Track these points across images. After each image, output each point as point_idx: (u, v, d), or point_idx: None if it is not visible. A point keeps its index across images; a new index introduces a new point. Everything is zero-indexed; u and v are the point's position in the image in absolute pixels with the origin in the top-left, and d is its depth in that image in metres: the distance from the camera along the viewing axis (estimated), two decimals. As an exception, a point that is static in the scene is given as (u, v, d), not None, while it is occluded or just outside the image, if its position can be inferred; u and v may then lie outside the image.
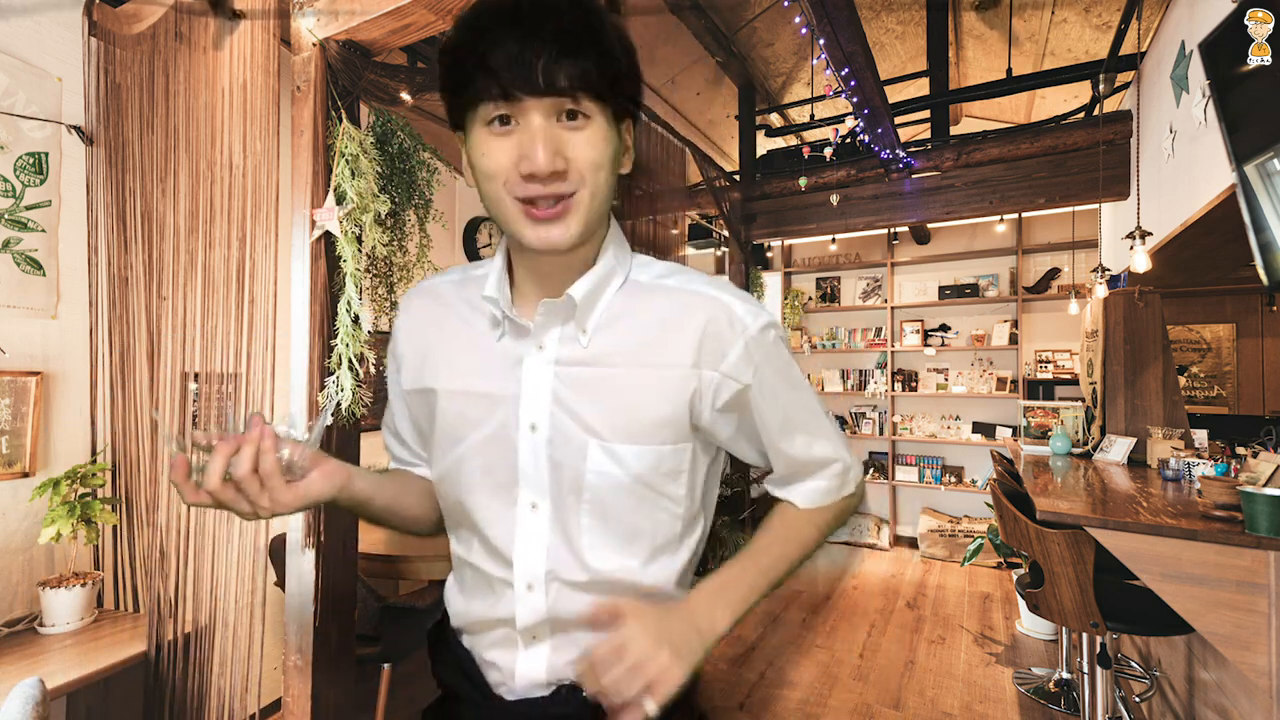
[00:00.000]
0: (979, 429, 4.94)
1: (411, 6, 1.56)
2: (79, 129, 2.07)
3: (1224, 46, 1.78)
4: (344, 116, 1.67)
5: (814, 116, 4.53)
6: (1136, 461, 2.73)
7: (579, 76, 0.56)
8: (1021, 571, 2.83)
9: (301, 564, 1.64)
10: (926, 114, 4.20)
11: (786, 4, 2.60)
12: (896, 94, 4.39)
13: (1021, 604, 3.50)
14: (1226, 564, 1.52)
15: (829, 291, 5.63)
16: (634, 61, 0.63)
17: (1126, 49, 2.90)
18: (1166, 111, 2.52)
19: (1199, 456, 2.29)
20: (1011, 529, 2.05)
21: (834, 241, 5.49)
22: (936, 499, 5.09)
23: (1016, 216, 4.74)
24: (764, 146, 4.79)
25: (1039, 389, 4.55)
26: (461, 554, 0.74)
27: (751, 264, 4.55)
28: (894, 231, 5.18)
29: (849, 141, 3.76)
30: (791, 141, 5.16)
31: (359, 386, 1.65)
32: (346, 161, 1.64)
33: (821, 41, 2.40)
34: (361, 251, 1.68)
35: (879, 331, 5.36)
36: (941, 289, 5.05)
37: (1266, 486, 1.56)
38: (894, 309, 5.22)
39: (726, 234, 4.31)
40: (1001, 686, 2.77)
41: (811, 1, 2.14)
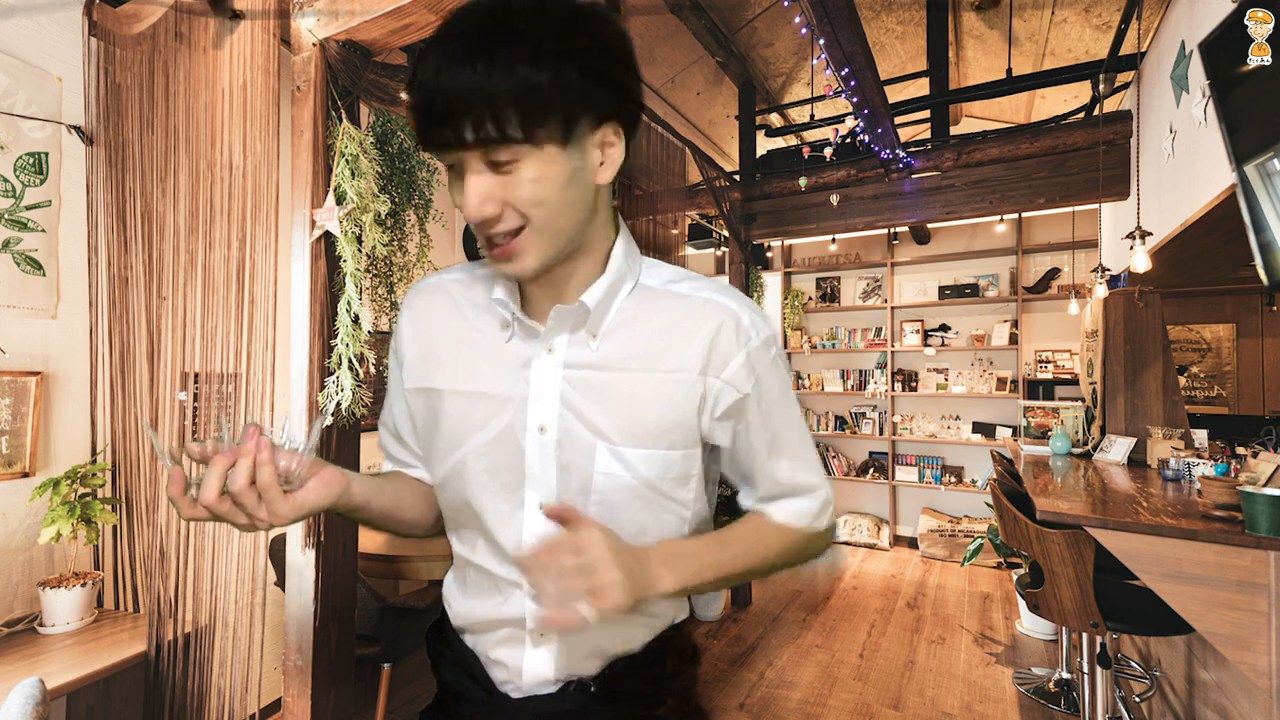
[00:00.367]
0: (979, 429, 4.94)
1: (411, 6, 1.56)
2: (79, 129, 2.07)
3: (1224, 46, 1.78)
4: (344, 116, 1.67)
5: (814, 116, 4.53)
6: (1136, 461, 2.73)
7: (494, 125, 0.55)
8: (1021, 571, 2.83)
9: (301, 564, 1.64)
10: (926, 114, 4.19)
11: (786, 4, 2.60)
12: (896, 94, 4.39)
13: (1021, 604, 3.50)
14: (1226, 564, 1.52)
15: (829, 291, 5.63)
16: (606, 64, 0.59)
17: (1126, 49, 2.90)
18: (1166, 111, 2.51)
19: (1199, 456, 2.29)
20: (1011, 529, 2.05)
21: (834, 241, 5.49)
22: (936, 499, 5.09)
23: (1016, 216, 4.74)
24: (764, 146, 4.78)
25: (1039, 389, 4.55)
26: (465, 554, 0.74)
27: (751, 264, 4.55)
28: (894, 231, 5.19)
29: (849, 141, 3.75)
30: (791, 141, 5.16)
31: (359, 387, 1.65)
32: (346, 161, 1.64)
33: (821, 41, 2.40)
34: (361, 251, 1.68)
35: (879, 331, 5.36)
36: (941, 289, 5.05)
37: (1266, 486, 1.56)
38: (894, 309, 5.23)
39: (726, 234, 4.30)
40: (1001, 686, 2.77)
41: (811, 1, 2.13)
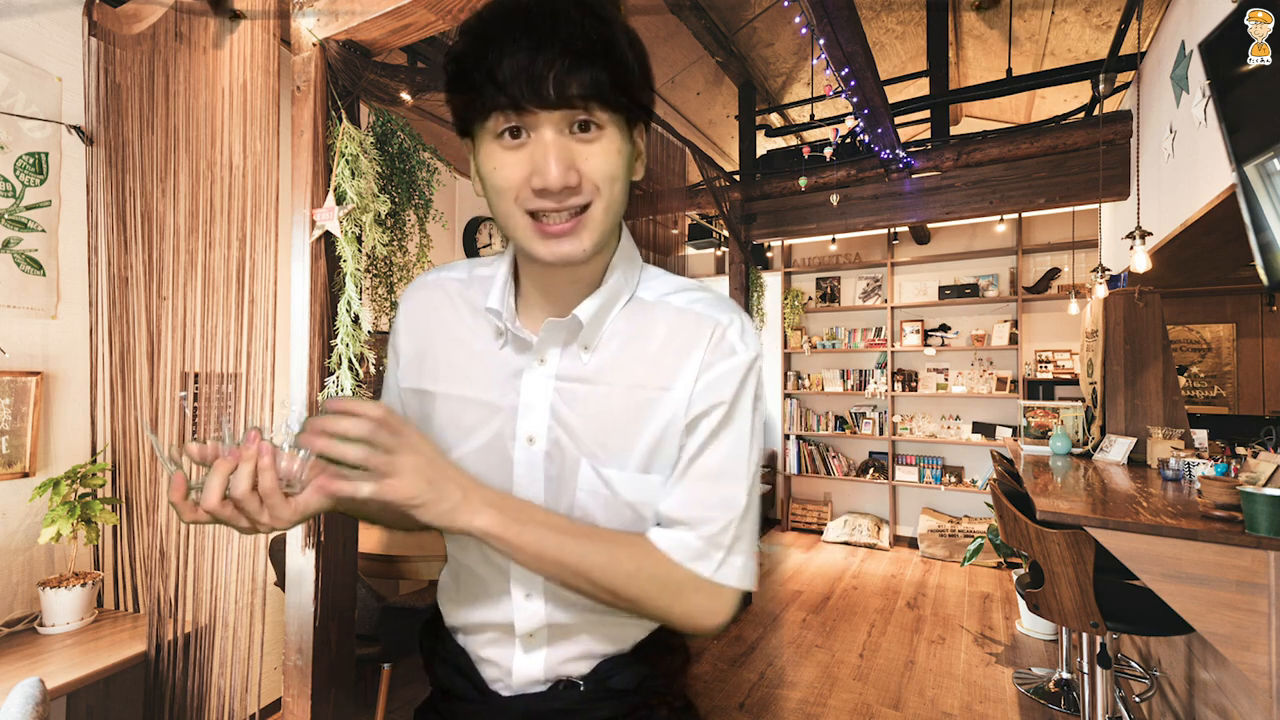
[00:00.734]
0: (979, 429, 4.94)
1: (411, 6, 1.56)
2: (79, 129, 2.07)
3: (1224, 46, 1.78)
4: (344, 116, 1.68)
5: (814, 116, 4.53)
6: (1136, 461, 2.73)
7: (591, 86, 0.55)
8: (1021, 571, 2.83)
9: (301, 564, 1.64)
10: (926, 114, 4.19)
11: (786, 4, 2.60)
12: (896, 94, 4.39)
13: (1021, 604, 3.50)
14: (1226, 564, 1.52)
15: (829, 291, 5.63)
16: (646, 67, 0.61)
17: (1126, 49, 2.90)
18: (1166, 111, 2.52)
19: (1199, 456, 2.29)
20: (1011, 529, 2.05)
21: (834, 241, 5.49)
22: (936, 499, 5.09)
23: (1016, 216, 4.74)
24: (764, 146, 4.79)
25: (1039, 389, 4.55)
26: (457, 554, 0.74)
27: (751, 264, 4.55)
28: (894, 231, 5.18)
29: (849, 141, 3.76)
30: (791, 141, 5.16)
31: (359, 386, 1.65)
32: (346, 161, 1.64)
33: (821, 41, 2.40)
34: (361, 251, 1.69)
35: (879, 331, 5.36)
36: (941, 289, 5.05)
37: (1266, 486, 1.56)
38: (894, 309, 5.22)
39: (726, 234, 4.31)
40: (1001, 686, 2.77)
41: (811, 1, 2.13)
